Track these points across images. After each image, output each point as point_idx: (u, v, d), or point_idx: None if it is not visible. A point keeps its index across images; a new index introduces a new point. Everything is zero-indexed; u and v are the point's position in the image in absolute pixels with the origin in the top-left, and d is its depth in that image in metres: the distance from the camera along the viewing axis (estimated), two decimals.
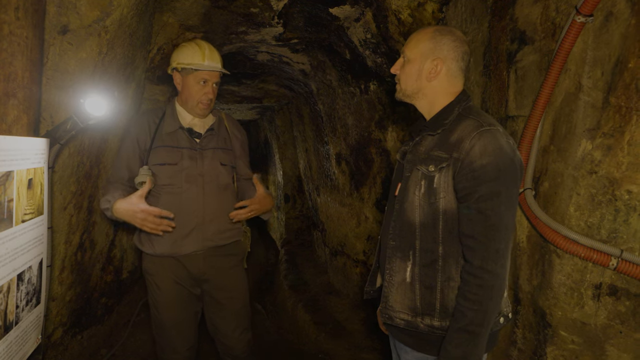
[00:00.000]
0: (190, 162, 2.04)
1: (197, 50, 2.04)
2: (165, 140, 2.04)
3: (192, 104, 2.07)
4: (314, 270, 5.39)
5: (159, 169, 2.00)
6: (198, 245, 2.05)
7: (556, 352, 1.61)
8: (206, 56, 2.03)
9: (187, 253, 2.04)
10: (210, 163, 2.08)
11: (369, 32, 2.95)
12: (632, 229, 1.43)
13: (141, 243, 2.08)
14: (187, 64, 2.03)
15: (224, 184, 2.12)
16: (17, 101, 1.37)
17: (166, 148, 2.03)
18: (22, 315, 1.36)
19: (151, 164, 2.00)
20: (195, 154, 2.06)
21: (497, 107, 1.93)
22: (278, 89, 5.46)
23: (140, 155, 2.03)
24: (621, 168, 1.40)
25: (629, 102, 1.34)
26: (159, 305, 2.08)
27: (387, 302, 1.40)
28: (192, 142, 2.08)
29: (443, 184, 1.28)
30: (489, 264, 1.19)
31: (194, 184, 2.03)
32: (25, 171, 1.32)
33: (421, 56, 1.37)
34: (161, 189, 2.00)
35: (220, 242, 2.11)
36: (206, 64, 2.02)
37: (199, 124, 2.14)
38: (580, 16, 1.43)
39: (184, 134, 2.07)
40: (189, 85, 2.05)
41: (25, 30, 1.39)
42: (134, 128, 2.07)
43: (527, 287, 1.73)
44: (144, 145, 2.03)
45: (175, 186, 2.01)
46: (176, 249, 2.02)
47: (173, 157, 2.02)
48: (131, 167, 2.02)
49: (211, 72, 2.04)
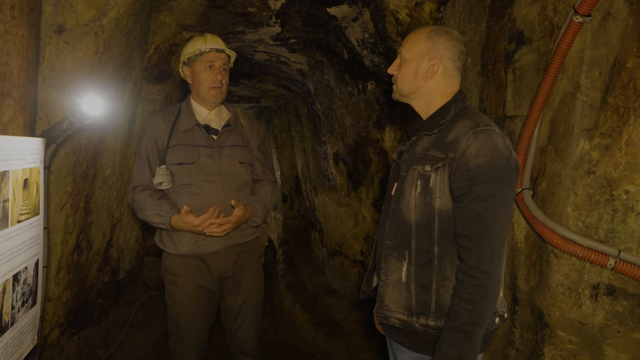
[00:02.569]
0: (208, 161, 2.01)
1: (200, 38, 2.06)
2: (181, 138, 2.01)
3: (204, 92, 2.04)
4: (312, 271, 5.38)
5: (177, 169, 1.97)
6: (220, 244, 2.03)
7: (554, 352, 1.61)
8: (208, 40, 2.04)
9: (210, 252, 2.02)
10: (228, 161, 2.05)
11: (366, 32, 2.95)
12: (629, 229, 1.43)
13: (163, 243, 2.06)
14: (191, 52, 2.03)
15: (242, 182, 2.10)
16: (12, 101, 1.36)
17: (183, 147, 2.00)
18: (18, 316, 1.35)
19: (169, 164, 1.97)
20: (213, 152, 2.03)
21: (495, 107, 1.93)
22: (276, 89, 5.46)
23: (158, 155, 2.01)
24: (619, 168, 1.40)
25: (627, 102, 1.34)
26: (178, 306, 2.07)
27: (383, 302, 1.40)
28: (209, 140, 2.04)
29: (439, 183, 1.28)
30: (484, 264, 1.18)
31: (213, 183, 2.00)
32: (21, 171, 1.31)
33: (418, 56, 1.37)
34: (181, 188, 1.98)
35: (242, 239, 2.11)
36: (208, 46, 2.01)
37: (215, 120, 2.11)
38: (578, 16, 1.43)
39: (200, 131, 2.04)
40: (197, 73, 2.03)
41: (21, 29, 1.38)
42: (150, 127, 2.03)
43: (525, 287, 1.73)
44: (162, 145, 2.00)
45: (194, 185, 1.98)
46: (199, 248, 2.00)
47: (190, 155, 1.99)
48: (153, 168, 2.00)
49: (216, 54, 2.02)
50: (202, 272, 2.06)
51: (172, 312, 2.10)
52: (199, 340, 2.14)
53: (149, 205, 1.95)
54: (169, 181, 1.94)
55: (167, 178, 1.93)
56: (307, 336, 3.83)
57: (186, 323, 2.08)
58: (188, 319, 2.08)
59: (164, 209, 1.92)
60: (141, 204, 1.96)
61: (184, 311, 2.07)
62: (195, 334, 2.11)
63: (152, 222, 1.96)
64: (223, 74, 2.05)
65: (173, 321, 2.11)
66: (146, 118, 2.10)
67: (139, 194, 1.98)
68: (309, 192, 5.80)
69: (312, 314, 4.11)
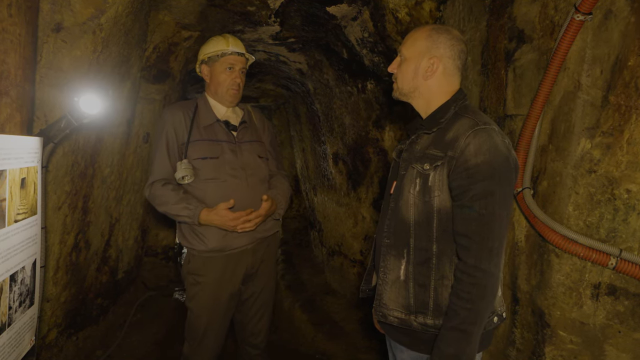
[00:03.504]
0: (231, 155, 2.03)
1: (221, 39, 2.09)
2: (203, 133, 2.02)
3: (222, 92, 2.08)
4: (311, 270, 5.37)
5: (201, 163, 1.97)
6: (248, 239, 2.03)
7: (555, 352, 1.60)
8: (230, 43, 2.07)
9: (238, 247, 2.02)
10: (249, 156, 2.08)
11: (366, 31, 2.94)
12: (631, 228, 1.43)
13: (188, 241, 2.02)
14: (213, 51, 2.06)
15: (263, 176, 2.13)
16: (10, 99, 1.35)
17: (206, 142, 2.00)
18: (15, 316, 1.34)
19: (191, 158, 1.96)
20: (235, 147, 2.06)
21: (495, 106, 1.93)
22: (275, 89, 5.45)
23: (178, 149, 2.00)
24: (620, 167, 1.39)
25: (629, 100, 1.33)
26: (200, 308, 2.03)
27: (381, 300, 1.40)
28: (230, 135, 2.07)
29: (438, 182, 1.28)
30: (483, 262, 1.18)
31: (237, 177, 2.02)
32: (18, 170, 1.30)
33: (418, 55, 1.37)
34: (206, 183, 1.97)
35: (266, 233, 2.13)
36: (230, 48, 2.05)
37: (232, 117, 2.15)
38: (579, 14, 1.42)
39: (221, 127, 2.07)
40: (217, 73, 2.07)
41: (18, 28, 1.37)
42: (170, 120, 2.02)
43: (526, 286, 1.72)
44: (182, 139, 2.00)
45: (220, 180, 1.98)
46: (228, 242, 1.98)
47: (214, 150, 2.00)
48: (173, 161, 2.00)
49: (236, 56, 2.07)
50: (229, 272, 2.03)
51: (193, 315, 2.05)
52: (217, 345, 2.11)
53: (173, 199, 1.93)
54: (192, 175, 1.94)
55: (190, 172, 1.93)
56: (306, 336, 3.82)
57: (207, 327, 2.04)
58: (209, 324, 2.04)
59: (192, 203, 1.91)
60: (164, 197, 1.94)
61: (206, 315, 2.03)
62: (215, 338, 2.08)
63: (177, 215, 1.93)
64: (241, 77, 2.10)
65: (192, 325, 2.06)
66: (164, 111, 2.10)
67: (161, 187, 1.96)
68: (308, 191, 5.79)
69: (311, 313, 4.10)
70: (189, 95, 5.41)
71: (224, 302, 2.04)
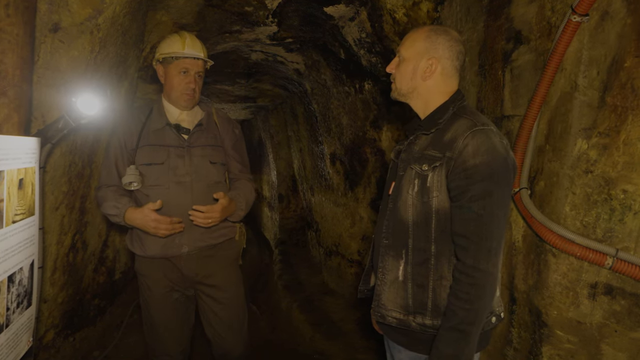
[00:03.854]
0: (177, 161, 1.97)
1: (178, 39, 1.98)
2: (151, 138, 1.97)
3: (175, 96, 2.00)
4: (309, 271, 5.37)
5: (146, 169, 1.94)
6: (189, 246, 1.99)
7: (552, 351, 1.61)
8: (186, 44, 1.96)
9: (178, 254, 1.99)
10: (199, 161, 2.01)
11: (363, 32, 2.94)
12: (627, 228, 1.43)
13: (132, 245, 2.04)
14: (167, 53, 1.97)
15: (213, 183, 2.04)
16: (7, 100, 1.35)
17: (152, 147, 1.96)
18: (13, 317, 1.33)
19: (138, 164, 1.94)
20: (183, 152, 1.99)
21: (492, 107, 1.93)
22: (272, 89, 5.44)
23: (127, 155, 1.97)
24: (617, 167, 1.40)
25: (625, 101, 1.34)
26: (151, 307, 2.05)
27: (380, 301, 1.40)
28: (180, 139, 2.00)
29: (436, 183, 1.28)
30: (481, 263, 1.19)
31: (182, 184, 1.97)
32: (15, 171, 1.30)
33: (416, 55, 1.37)
34: (149, 189, 1.95)
35: (212, 241, 2.05)
36: (186, 52, 1.95)
37: (187, 119, 2.06)
38: (576, 15, 1.43)
39: (171, 131, 2.00)
40: (171, 76, 1.98)
41: (15, 28, 1.37)
42: (120, 127, 2.01)
43: (523, 286, 1.73)
44: (131, 145, 1.97)
45: (163, 186, 1.95)
46: (167, 250, 1.97)
47: (160, 156, 1.96)
48: (119, 169, 1.98)
49: (192, 60, 1.96)
50: (173, 273, 2.03)
51: (147, 314, 2.08)
52: (178, 342, 2.10)
53: (108, 198, 1.93)
54: (139, 181, 1.91)
55: (137, 178, 1.90)
56: (304, 336, 3.82)
57: (162, 324, 2.06)
58: (163, 320, 2.06)
59: (122, 202, 1.91)
60: (103, 198, 1.96)
61: (158, 312, 2.05)
62: (173, 334, 2.08)
63: (108, 214, 1.94)
64: (197, 81, 2.01)
65: (149, 324, 2.08)
66: (116, 117, 2.09)
67: (104, 189, 1.98)
68: (305, 192, 5.79)
69: (309, 314, 4.10)
70: None
71: (173, 299, 2.07)
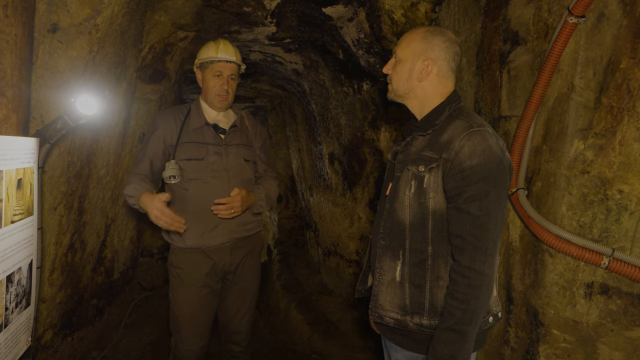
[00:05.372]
0: (215, 157, 2.12)
1: (213, 45, 2.17)
2: (191, 136, 2.12)
3: (211, 97, 2.17)
4: (307, 271, 5.38)
5: (186, 164, 2.07)
6: (225, 237, 2.13)
7: (548, 350, 1.62)
8: (220, 49, 2.15)
9: (215, 245, 2.11)
10: (234, 159, 2.17)
11: (362, 32, 2.95)
12: (623, 228, 1.44)
13: (170, 237, 2.15)
14: (203, 58, 2.16)
15: (247, 179, 2.22)
16: (6, 100, 1.35)
17: (193, 144, 2.10)
18: (12, 317, 1.34)
19: (178, 159, 2.06)
20: (221, 150, 2.14)
21: (490, 107, 1.94)
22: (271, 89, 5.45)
23: (166, 151, 2.11)
24: (613, 168, 1.41)
25: (621, 102, 1.35)
26: (180, 300, 2.14)
27: (377, 301, 1.41)
28: (217, 138, 2.16)
29: (433, 184, 1.29)
30: (477, 263, 1.19)
31: (220, 179, 2.11)
32: (14, 171, 1.30)
33: (412, 56, 1.38)
34: (188, 183, 2.07)
35: (245, 233, 2.21)
36: (219, 56, 2.13)
37: (223, 120, 2.23)
38: (572, 17, 1.44)
39: (209, 130, 2.16)
40: (207, 79, 2.16)
41: (14, 28, 1.37)
42: (161, 124, 2.13)
43: (520, 286, 1.73)
44: (171, 141, 2.10)
45: (201, 180, 2.08)
46: (205, 241, 2.09)
47: (200, 152, 2.10)
48: (154, 162, 2.10)
49: (225, 63, 2.14)
50: (207, 267, 2.13)
51: (175, 307, 2.16)
52: (201, 336, 2.20)
53: (133, 182, 2.02)
54: (179, 175, 2.03)
55: (177, 172, 2.02)
56: (302, 336, 3.83)
57: (189, 318, 2.14)
58: (191, 315, 2.14)
59: (143, 186, 1.98)
60: (129, 181, 2.04)
61: (187, 306, 2.14)
62: (198, 328, 2.18)
63: (127, 194, 2.01)
64: (230, 84, 2.18)
65: (175, 316, 2.17)
66: (156, 115, 2.21)
67: (133, 176, 2.07)
68: (304, 192, 5.80)
69: (307, 313, 4.11)
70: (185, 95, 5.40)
71: (202, 295, 2.15)
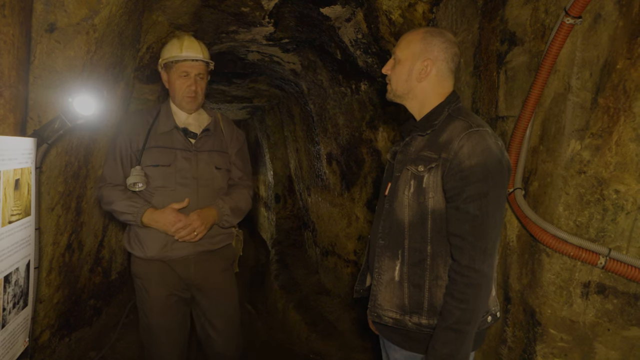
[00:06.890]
0: (184, 164, 1.98)
1: (176, 42, 2.00)
2: (159, 140, 1.98)
3: (179, 99, 2.01)
4: (305, 271, 5.38)
5: (152, 171, 1.94)
6: (189, 250, 1.98)
7: (545, 349, 1.62)
8: (184, 47, 1.97)
9: (177, 257, 1.98)
10: (205, 166, 2.02)
11: (360, 32, 2.95)
12: (619, 228, 1.45)
13: (131, 246, 2.01)
14: (167, 58, 1.99)
15: (218, 188, 2.06)
16: (3, 100, 1.35)
17: (160, 149, 1.97)
18: (9, 318, 1.33)
19: (144, 165, 1.94)
20: (190, 155, 2.00)
21: (487, 108, 1.95)
22: (269, 89, 5.45)
23: (132, 156, 1.97)
24: (609, 168, 1.42)
25: (617, 102, 1.36)
26: (147, 309, 2.03)
27: (376, 301, 1.41)
28: (187, 143, 2.01)
29: (432, 184, 1.29)
30: (477, 263, 1.20)
31: (188, 187, 1.97)
32: (12, 171, 1.30)
33: (412, 57, 1.38)
34: (154, 190, 1.95)
35: (211, 246, 2.05)
36: (183, 54, 1.96)
37: (194, 124, 2.07)
38: (569, 18, 1.45)
39: (178, 134, 2.01)
40: (173, 80, 2.00)
41: (11, 28, 1.37)
42: (126, 127, 2.01)
43: (517, 285, 1.74)
44: (137, 146, 1.97)
45: (168, 188, 1.95)
46: (167, 253, 1.96)
47: (166, 158, 1.96)
48: (126, 168, 1.97)
49: (191, 62, 1.97)
50: (170, 277, 2.01)
51: (144, 317, 2.05)
52: (175, 346, 2.07)
53: (120, 197, 1.92)
54: (144, 182, 1.91)
55: (142, 179, 1.90)
56: (300, 336, 3.83)
57: (159, 328, 2.03)
58: (160, 323, 2.02)
59: (139, 202, 1.90)
60: (111, 197, 1.93)
61: (155, 315, 2.02)
62: (170, 337, 2.05)
63: (121, 212, 1.91)
64: (198, 83, 2.01)
65: (146, 327, 2.06)
66: (122, 117, 2.08)
67: (111, 188, 1.96)
68: (302, 192, 5.80)
69: (305, 313, 4.11)
70: None
71: (168, 306, 2.03)
